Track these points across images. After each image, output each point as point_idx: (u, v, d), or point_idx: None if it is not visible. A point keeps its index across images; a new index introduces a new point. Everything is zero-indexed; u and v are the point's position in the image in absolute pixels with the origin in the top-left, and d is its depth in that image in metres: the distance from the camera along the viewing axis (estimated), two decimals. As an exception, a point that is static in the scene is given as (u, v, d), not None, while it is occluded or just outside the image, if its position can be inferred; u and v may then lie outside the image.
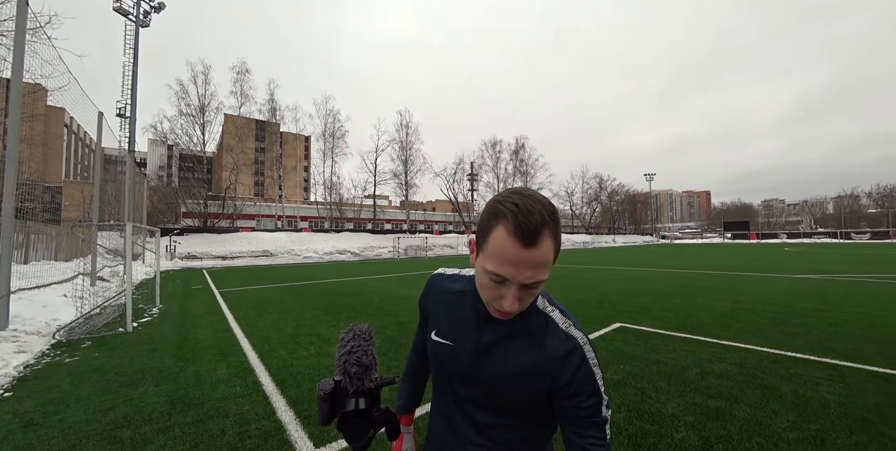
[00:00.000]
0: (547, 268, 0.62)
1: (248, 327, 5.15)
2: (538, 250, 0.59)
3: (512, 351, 0.72)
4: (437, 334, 0.82)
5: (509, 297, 0.63)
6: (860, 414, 2.45)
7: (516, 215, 0.59)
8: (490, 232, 0.62)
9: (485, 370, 0.74)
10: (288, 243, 28.58)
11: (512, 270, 0.60)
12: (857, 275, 10.19)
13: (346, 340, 0.76)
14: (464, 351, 0.76)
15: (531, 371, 0.70)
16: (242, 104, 34.66)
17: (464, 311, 0.78)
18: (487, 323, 0.75)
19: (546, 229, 0.60)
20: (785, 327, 4.67)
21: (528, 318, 0.73)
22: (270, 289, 9.33)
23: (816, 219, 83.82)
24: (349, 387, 0.72)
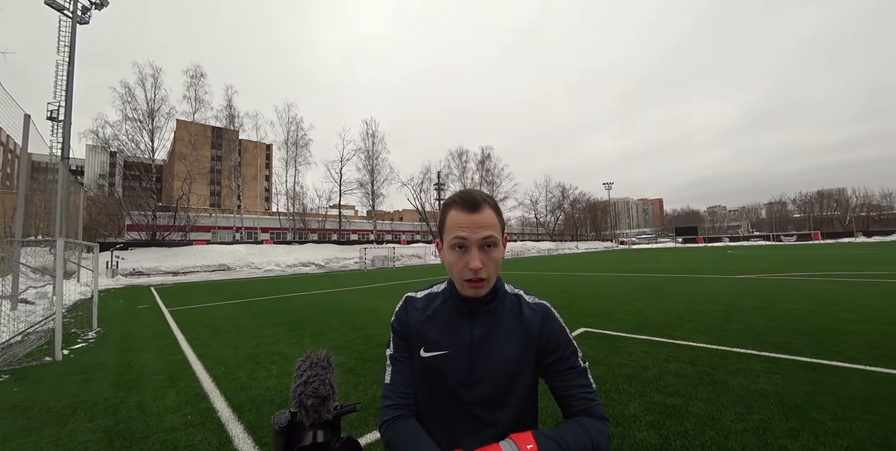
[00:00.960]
0: (495, 230, 0.77)
1: (201, 349, 4.78)
2: (482, 214, 0.76)
3: (503, 335, 0.82)
4: (427, 349, 0.84)
5: (474, 257, 0.75)
6: (794, 402, 2.68)
7: (460, 196, 0.79)
8: (445, 218, 0.80)
9: (485, 362, 0.80)
10: (247, 255, 27.07)
11: (467, 231, 0.75)
12: (787, 274, 11.28)
13: (302, 369, 0.73)
14: (461, 350, 0.81)
15: (523, 343, 0.81)
16: (197, 110, 32.86)
17: (449, 315, 0.85)
18: (474, 317, 0.83)
19: (485, 202, 0.78)
20: (729, 324, 5.05)
21: (504, 299, 0.86)
22: (228, 305, 8.75)
23: (753, 223, 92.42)
24: (305, 420, 0.69)
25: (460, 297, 0.83)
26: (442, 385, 0.81)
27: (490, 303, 0.84)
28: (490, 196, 0.80)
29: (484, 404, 0.79)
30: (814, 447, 2.11)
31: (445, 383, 0.81)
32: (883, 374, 3.16)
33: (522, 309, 0.85)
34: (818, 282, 9.19)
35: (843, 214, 70.80)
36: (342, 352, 4.35)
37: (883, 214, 66.96)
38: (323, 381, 0.71)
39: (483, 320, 0.83)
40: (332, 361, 0.76)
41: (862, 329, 4.56)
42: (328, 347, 4.15)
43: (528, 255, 41.18)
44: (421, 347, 0.84)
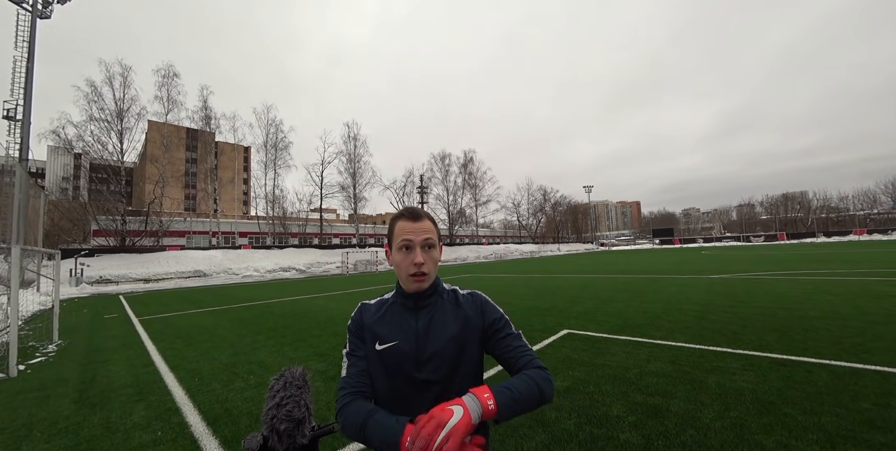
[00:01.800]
0: (433, 234, 0.96)
1: (174, 360, 4.56)
2: (423, 222, 0.96)
3: (444, 321, 0.97)
4: (381, 343, 0.96)
5: (418, 254, 0.93)
6: (767, 398, 2.78)
7: (405, 209, 0.99)
8: (394, 227, 0.98)
9: (431, 345, 0.94)
10: (224, 261, 26.18)
11: (412, 235, 0.94)
12: (757, 273, 11.80)
13: (275, 389, 0.69)
14: (410, 339, 0.95)
15: (463, 327, 0.96)
16: (170, 111, 31.65)
17: (397, 311, 1.00)
18: (418, 310, 0.98)
19: (424, 215, 0.98)
20: (705, 323, 5.22)
21: (443, 293, 1.03)
22: (203, 313, 8.40)
23: (725, 225, 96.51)
24: (279, 446, 0.65)
25: (406, 294, 0.99)
26: (396, 371, 0.93)
27: (431, 297, 1.00)
28: (429, 214, 1.00)
29: (436, 381, 0.92)
30: (787, 442, 2.19)
31: (399, 368, 0.93)
32: (845, 368, 3.32)
33: (458, 299, 1.02)
34: (784, 281, 9.65)
35: (805, 216, 74.96)
36: (324, 360, 4.24)
37: (840, 215, 71.26)
38: (297, 403, 0.67)
39: (425, 312, 0.98)
40: (308, 379, 0.72)
41: (825, 326, 4.80)
42: (309, 354, 4.05)
43: (510, 257, 41.55)
44: (375, 342, 0.97)
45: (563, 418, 2.59)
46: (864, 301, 6.33)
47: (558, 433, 2.39)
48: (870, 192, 69.68)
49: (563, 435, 2.36)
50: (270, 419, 0.65)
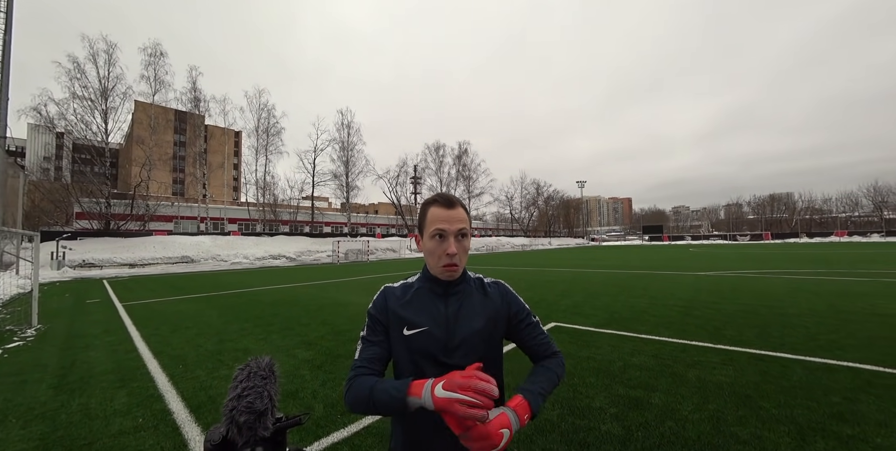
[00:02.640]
0: (466, 224, 0.96)
1: (158, 346, 4.50)
2: (457, 211, 0.95)
3: (473, 308, 0.98)
4: (409, 328, 0.95)
5: (451, 244, 0.92)
6: (744, 392, 2.85)
7: (439, 195, 0.97)
8: (426, 214, 0.97)
9: (461, 331, 0.94)
10: (213, 247, 25.83)
11: (445, 224, 0.93)
12: (742, 271, 12.08)
13: (238, 380, 0.66)
14: (439, 325, 0.94)
15: (491, 316, 0.98)
16: (157, 91, 30.66)
17: (426, 297, 0.99)
18: (448, 296, 0.98)
19: (458, 202, 0.97)
20: (689, 319, 5.33)
21: (470, 282, 1.03)
22: (190, 300, 8.30)
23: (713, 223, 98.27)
24: (238, 438, 0.62)
25: (436, 281, 0.98)
26: (424, 356, 0.93)
27: (460, 284, 1.00)
28: (461, 201, 0.98)
29: (461, 368, 0.90)
30: (760, 434, 2.26)
31: (427, 353, 0.93)
32: (819, 363, 3.43)
33: (485, 288, 1.03)
34: (767, 279, 9.89)
35: (790, 217, 76.64)
36: (311, 348, 4.23)
37: (823, 217, 73.04)
38: (260, 394, 0.65)
39: (455, 299, 0.98)
40: (275, 369, 0.70)
41: (802, 323, 4.94)
42: (297, 343, 4.02)
43: (502, 250, 41.81)
44: (403, 327, 0.95)
45: (546, 409, 2.63)
46: (840, 300, 6.52)
47: (541, 423, 2.43)
48: (852, 195, 71.26)
49: (545, 426, 2.40)
50: (230, 410, 0.63)
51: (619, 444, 2.18)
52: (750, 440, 2.20)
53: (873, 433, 2.23)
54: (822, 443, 2.15)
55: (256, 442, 0.62)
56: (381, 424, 2.48)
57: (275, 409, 0.66)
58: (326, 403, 2.81)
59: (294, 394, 2.98)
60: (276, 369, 0.70)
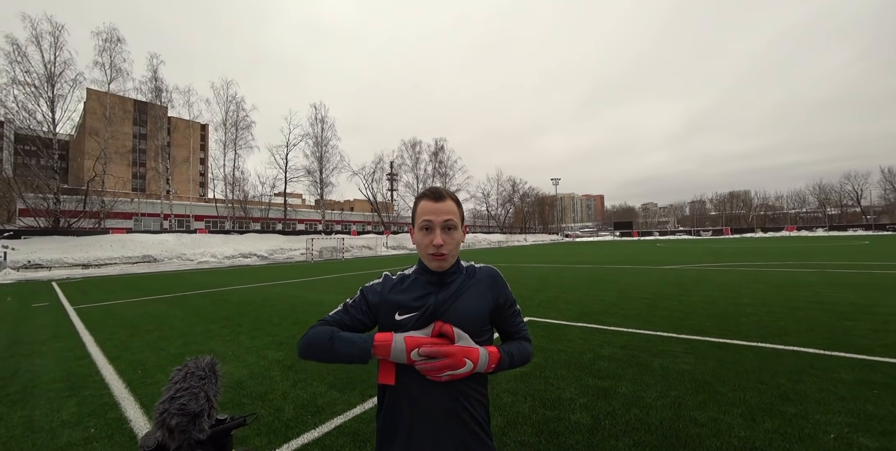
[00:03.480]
0: (454, 215, 0.98)
1: (114, 351, 4.23)
2: (445, 203, 0.98)
3: (465, 295, 1.00)
4: (401, 313, 0.98)
5: (437, 235, 0.95)
6: (703, 378, 3.02)
7: (428, 189, 1.01)
8: (416, 207, 1.01)
9: (449, 316, 0.96)
10: (178, 246, 24.57)
11: (432, 216, 0.96)
12: (703, 264, 12.78)
13: (174, 381, 0.62)
14: (429, 309, 0.96)
15: (479, 299, 1.01)
16: (113, 79, 28.66)
17: (419, 285, 1.02)
18: (441, 285, 1.01)
19: (448, 195, 1.00)
20: (655, 310, 5.58)
21: (462, 270, 1.05)
22: (151, 301, 7.86)
23: (679, 219, 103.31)
24: (170, 443, 0.59)
25: (429, 271, 1.01)
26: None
27: (454, 274, 1.03)
28: (453, 193, 1.02)
29: None
30: (716, 416, 2.40)
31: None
32: (769, 349, 3.68)
33: (476, 274, 1.06)
34: (726, 271, 10.52)
35: (747, 213, 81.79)
36: (282, 348, 4.10)
37: (776, 213, 78.48)
38: (195, 395, 0.61)
39: (448, 288, 1.01)
40: (217, 369, 0.66)
41: (754, 312, 5.29)
42: (267, 343, 3.89)
43: (479, 247, 42.21)
44: (395, 312, 0.98)
45: (518, 401, 2.69)
46: (789, 290, 7.03)
47: (513, 416, 2.48)
48: (800, 193, 77.08)
49: (517, 418, 2.45)
50: (160, 413, 0.59)
51: (588, 432, 2.26)
52: (707, 422, 2.33)
53: (813, 411, 2.43)
54: (770, 422, 2.31)
55: (191, 446, 0.59)
56: (354, 423, 2.45)
57: (213, 410, 0.62)
58: (297, 403, 2.74)
59: (263, 396, 2.88)
60: (218, 368, 0.66)
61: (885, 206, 63.91)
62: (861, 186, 65.78)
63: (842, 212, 68.78)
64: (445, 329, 0.90)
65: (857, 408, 2.44)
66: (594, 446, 2.12)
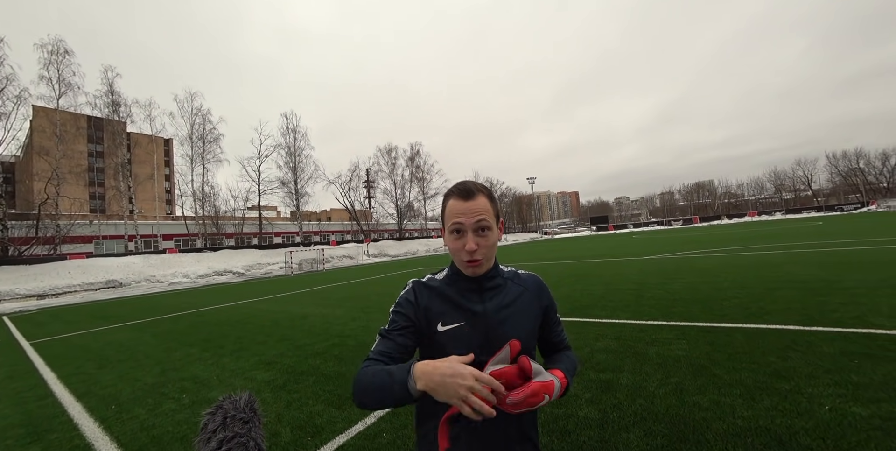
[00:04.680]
0: (488, 215, 0.88)
1: (82, 387, 3.89)
2: (476, 201, 0.87)
3: (513, 303, 0.94)
4: (444, 323, 0.90)
5: (469, 240, 0.86)
6: (699, 362, 3.08)
7: (456, 186, 0.91)
8: (445, 207, 0.91)
9: (501, 327, 0.90)
10: (146, 268, 23.23)
11: (463, 217, 0.86)
12: (681, 252, 13.27)
13: (209, 430, 0.51)
14: (477, 321, 0.90)
15: (529, 308, 0.96)
16: (63, 94, 26.95)
17: (458, 291, 0.94)
18: (482, 291, 0.93)
19: (478, 190, 0.90)
20: (642, 300, 5.70)
21: (504, 275, 0.99)
22: (120, 329, 7.34)
23: (650, 211, 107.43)
24: None
25: (466, 277, 0.93)
26: (460, 352, 0.83)
27: (494, 278, 0.95)
28: (484, 185, 0.92)
29: None
30: (718, 399, 2.44)
31: (464, 349, 0.84)
32: (753, 329, 3.81)
33: (522, 280, 1.00)
34: (703, 258, 10.95)
35: (713, 202, 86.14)
36: (271, 368, 3.89)
37: (738, 200, 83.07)
38: (244, 445, 0.50)
39: (492, 294, 0.94)
40: (256, 407, 0.56)
41: (735, 294, 5.49)
42: (253, 363, 3.67)
43: (462, 249, 42.21)
44: (438, 322, 0.91)
45: (524, 402, 2.64)
46: (763, 271, 7.38)
47: (521, 417, 2.42)
48: (759, 180, 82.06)
49: (526, 419, 2.40)
50: None
51: (598, 427, 2.23)
52: (710, 406, 2.36)
53: (805, 385, 2.51)
54: (768, 400, 2.37)
55: None
56: (358, 441, 2.32)
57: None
58: (294, 425, 2.58)
59: (255, 421, 2.70)
60: (257, 406, 0.56)
61: (832, 188, 68.96)
62: (811, 171, 70.83)
63: (796, 196, 73.66)
64: (524, 363, 0.77)
65: (844, 379, 2.55)
66: (606, 440, 2.10)
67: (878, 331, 3.43)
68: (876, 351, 2.98)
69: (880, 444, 1.85)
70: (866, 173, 63.54)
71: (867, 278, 5.88)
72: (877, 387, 2.41)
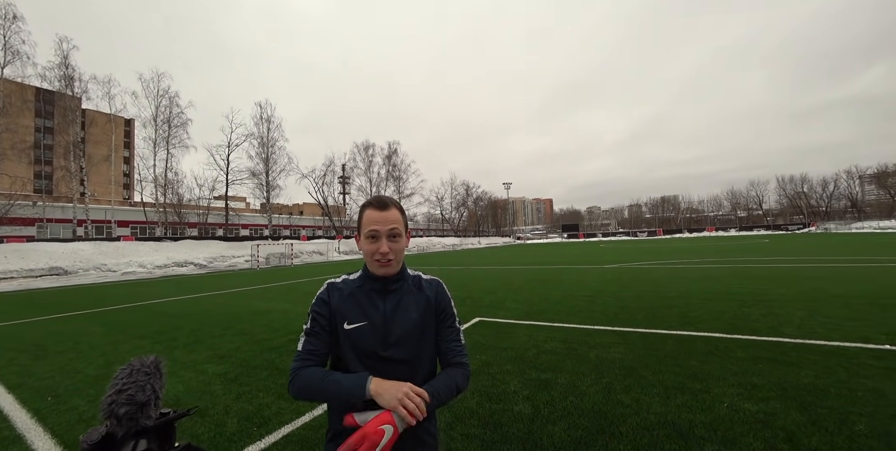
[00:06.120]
0: (399, 225, 1.02)
1: (14, 378, 3.70)
2: (389, 212, 1.01)
3: (409, 305, 1.05)
4: (350, 322, 1.02)
5: (383, 244, 0.99)
6: (631, 365, 3.38)
7: (373, 198, 1.05)
8: (361, 216, 1.04)
9: (397, 328, 1.01)
10: (96, 255, 21.75)
11: (378, 226, 0.99)
12: (638, 263, 14.06)
13: (119, 378, 0.65)
14: (377, 321, 1.01)
15: (425, 312, 1.06)
16: (9, 63, 24.81)
17: (366, 295, 1.05)
18: (386, 293, 1.04)
19: (392, 203, 1.04)
20: (594, 306, 6.07)
21: (408, 280, 1.09)
22: (61, 319, 6.92)
23: (619, 222, 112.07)
24: (118, 431, 0.62)
25: (374, 278, 1.04)
26: (364, 348, 1.00)
27: (398, 282, 1.06)
28: (396, 201, 1.07)
29: (402, 360, 1.01)
30: (638, 397, 2.71)
31: (367, 346, 1.00)
32: (685, 335, 4.21)
33: (422, 285, 1.10)
34: (657, 269, 11.68)
35: (676, 216, 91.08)
36: (224, 361, 3.87)
37: (699, 215, 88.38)
38: (142, 387, 0.65)
39: (393, 297, 1.05)
40: (161, 366, 0.70)
41: (678, 304, 5.97)
42: (206, 357, 3.69)
43: (433, 250, 42.42)
44: (344, 321, 1.01)
45: (466, 398, 2.81)
46: (707, 283, 8.02)
47: (461, 411, 2.60)
48: (717, 198, 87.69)
49: (465, 413, 2.57)
50: (108, 405, 0.62)
51: (528, 421, 2.44)
52: (631, 403, 2.64)
53: (714, 385, 2.84)
54: (680, 398, 2.67)
55: (139, 433, 0.62)
56: (303, 432, 2.41)
57: (158, 402, 0.65)
58: (241, 416, 2.63)
59: (203, 412, 2.72)
60: (163, 366, 0.69)
61: (780, 209, 74.86)
62: (762, 192, 76.51)
63: (749, 214, 79.24)
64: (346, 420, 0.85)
65: (746, 381, 2.91)
66: (534, 432, 2.31)
67: (785, 339, 3.90)
68: (779, 357, 3.40)
69: (758, 434, 2.17)
70: (809, 197, 69.46)
71: (788, 291, 6.56)
72: (770, 387, 2.77)
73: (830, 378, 2.89)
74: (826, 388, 2.72)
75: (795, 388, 2.75)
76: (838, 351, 3.50)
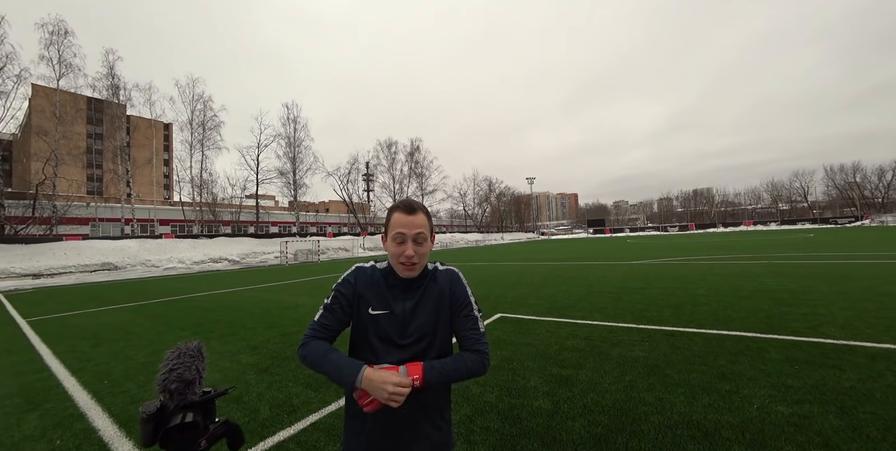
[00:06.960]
0: (425, 229, 1.06)
1: (76, 363, 4.09)
2: (417, 216, 1.05)
3: (426, 303, 1.09)
4: (374, 308, 1.07)
5: (409, 248, 1.03)
6: (655, 363, 3.31)
7: (401, 202, 1.08)
8: (389, 218, 1.08)
9: (415, 321, 1.07)
10: (141, 252, 23.35)
11: (405, 229, 1.03)
12: (668, 259, 13.54)
13: (169, 359, 0.75)
14: (398, 313, 1.07)
15: (439, 304, 1.09)
16: (63, 75, 26.84)
17: (389, 287, 1.10)
18: (407, 290, 1.09)
19: (419, 208, 1.07)
20: (619, 303, 5.94)
21: (426, 276, 1.12)
22: (114, 311, 7.53)
23: (648, 216, 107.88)
24: (170, 404, 0.73)
25: (398, 277, 1.08)
26: (384, 333, 1.06)
27: (418, 281, 1.10)
28: (424, 206, 1.11)
29: (414, 350, 1.06)
30: (662, 396, 2.66)
31: (386, 332, 1.06)
32: (714, 334, 4.05)
33: (437, 278, 1.13)
34: (687, 265, 11.21)
35: (709, 209, 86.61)
36: (257, 352, 4.11)
37: (735, 209, 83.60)
38: (188, 367, 0.76)
39: (413, 294, 1.09)
40: (203, 351, 0.79)
41: (708, 302, 5.74)
42: (241, 348, 3.93)
43: (456, 246, 42.51)
44: (369, 306, 1.07)
45: (486, 392, 2.86)
46: (740, 281, 7.63)
47: (481, 405, 2.65)
48: (756, 190, 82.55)
49: (484, 407, 2.62)
50: (162, 381, 0.73)
51: (547, 416, 2.46)
52: (654, 402, 2.59)
53: (744, 386, 2.74)
54: (707, 399, 2.60)
55: (186, 407, 0.72)
56: (329, 419, 2.54)
57: (202, 381, 0.75)
58: (273, 404, 2.80)
59: (238, 399, 2.92)
60: (204, 351, 0.79)
61: (828, 201, 69.49)
62: (807, 183, 71.28)
63: (792, 207, 74.14)
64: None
65: (779, 382, 2.78)
66: (553, 427, 2.32)
67: (826, 340, 3.68)
68: (817, 358, 3.22)
69: (790, 438, 2.08)
70: (862, 188, 64.07)
71: (832, 290, 6.14)
72: (806, 390, 2.64)
73: (876, 382, 2.72)
74: (870, 392, 2.57)
75: (835, 391, 2.61)
76: (887, 354, 3.27)
